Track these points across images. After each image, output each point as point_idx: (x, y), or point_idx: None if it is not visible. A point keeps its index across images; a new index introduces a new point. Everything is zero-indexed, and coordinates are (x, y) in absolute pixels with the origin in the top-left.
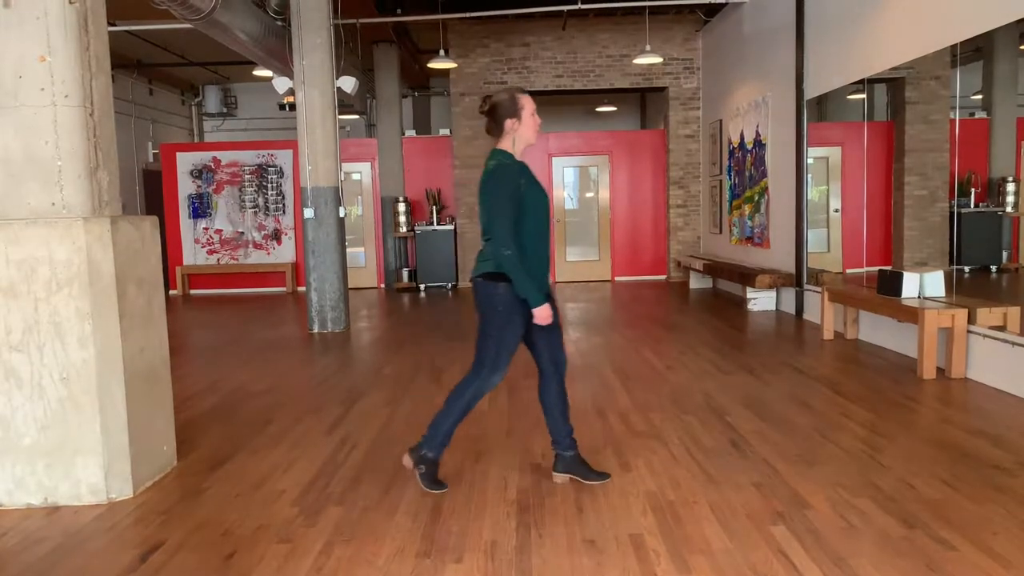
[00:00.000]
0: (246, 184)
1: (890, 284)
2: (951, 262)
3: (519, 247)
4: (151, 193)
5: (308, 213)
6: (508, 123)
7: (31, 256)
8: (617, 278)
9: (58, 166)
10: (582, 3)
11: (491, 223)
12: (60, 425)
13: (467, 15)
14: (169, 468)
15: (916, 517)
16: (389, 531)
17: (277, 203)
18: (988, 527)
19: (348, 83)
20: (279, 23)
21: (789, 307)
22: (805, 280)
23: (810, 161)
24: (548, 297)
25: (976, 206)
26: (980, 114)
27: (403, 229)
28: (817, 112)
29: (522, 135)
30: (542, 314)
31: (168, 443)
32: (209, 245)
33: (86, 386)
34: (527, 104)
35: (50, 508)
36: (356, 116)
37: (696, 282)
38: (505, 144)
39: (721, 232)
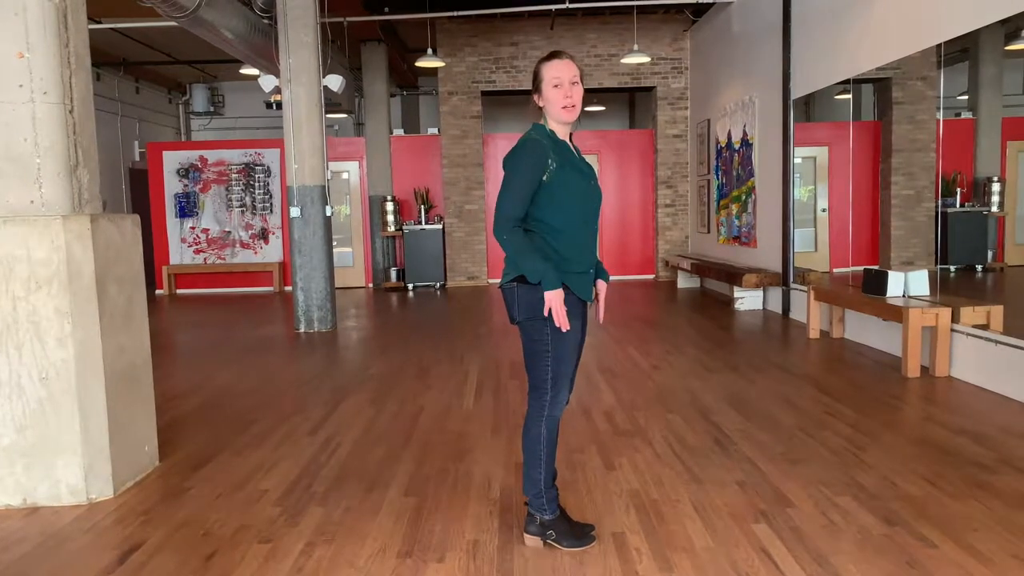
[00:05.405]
0: (233, 183)
1: (875, 283)
2: (937, 261)
3: (547, 246)
4: (137, 192)
5: (294, 212)
6: (534, 99)
7: (9, 254)
8: None
9: (37, 163)
10: (570, 2)
11: (497, 201)
12: (39, 425)
13: (455, 14)
14: (151, 468)
15: (898, 515)
16: (371, 531)
17: (264, 202)
18: (969, 524)
19: (335, 81)
20: (265, 21)
21: (776, 306)
22: (792, 279)
23: (797, 161)
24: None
25: (962, 206)
26: (966, 114)
27: (391, 228)
28: (804, 112)
29: (549, 113)
30: (553, 299)
31: (150, 443)
32: (196, 244)
33: (65, 386)
34: (548, 72)
35: (29, 509)
36: (344, 115)
37: (684, 281)
38: (542, 122)
39: (709, 231)
